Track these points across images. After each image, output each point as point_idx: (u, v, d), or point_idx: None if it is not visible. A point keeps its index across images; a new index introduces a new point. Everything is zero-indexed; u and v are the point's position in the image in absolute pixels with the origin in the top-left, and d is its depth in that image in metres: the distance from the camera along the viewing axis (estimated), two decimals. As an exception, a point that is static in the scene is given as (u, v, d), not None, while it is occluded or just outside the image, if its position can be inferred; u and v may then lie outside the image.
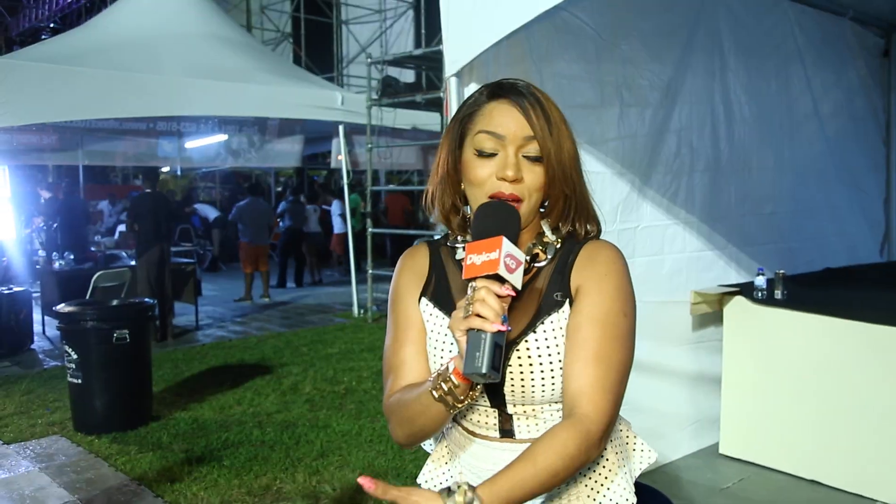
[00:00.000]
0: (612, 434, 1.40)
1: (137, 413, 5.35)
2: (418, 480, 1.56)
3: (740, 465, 4.20)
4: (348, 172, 9.61)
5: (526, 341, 1.31)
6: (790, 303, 4.01)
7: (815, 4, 4.96)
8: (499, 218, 1.26)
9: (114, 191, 16.45)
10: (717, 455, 4.30)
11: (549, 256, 1.37)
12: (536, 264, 1.37)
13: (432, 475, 1.54)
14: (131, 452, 4.78)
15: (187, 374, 6.72)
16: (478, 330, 1.14)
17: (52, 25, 19.76)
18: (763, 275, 4.10)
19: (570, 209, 1.37)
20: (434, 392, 1.23)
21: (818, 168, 5.09)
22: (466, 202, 1.40)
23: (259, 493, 4.06)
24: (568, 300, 1.33)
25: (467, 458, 1.42)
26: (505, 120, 1.31)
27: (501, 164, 1.30)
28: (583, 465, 1.24)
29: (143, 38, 8.98)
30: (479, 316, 1.14)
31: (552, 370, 1.30)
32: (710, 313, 4.27)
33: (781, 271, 4.10)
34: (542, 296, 1.34)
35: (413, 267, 1.48)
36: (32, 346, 7.93)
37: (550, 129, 1.30)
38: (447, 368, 1.23)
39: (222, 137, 10.71)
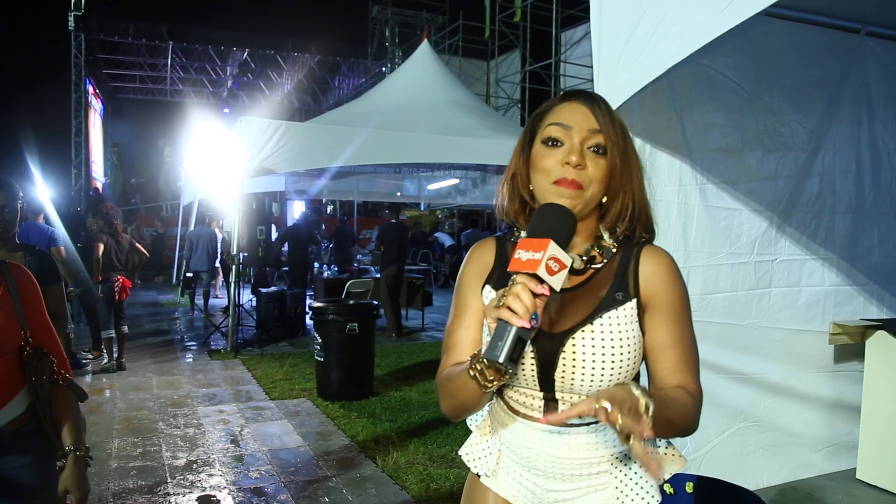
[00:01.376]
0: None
1: (361, 388, 5.71)
2: (460, 452, 1.47)
3: (875, 492, 3.66)
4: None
5: (582, 332, 1.20)
6: (934, 340, 3.47)
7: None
8: (554, 219, 1.14)
9: (378, 223, 17.73)
10: (853, 480, 3.78)
11: (607, 259, 1.27)
12: (594, 265, 1.27)
13: (473, 448, 1.43)
14: (352, 417, 5.12)
15: (406, 364, 7.03)
16: (506, 321, 1.05)
17: (347, 99, 21.79)
18: (908, 312, 3.59)
19: (627, 209, 1.25)
20: (469, 371, 1.15)
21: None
22: (534, 199, 1.29)
23: (437, 459, 4.19)
24: (630, 301, 1.23)
25: (507, 436, 1.33)
26: (573, 114, 1.24)
27: (567, 150, 1.21)
28: (688, 430, 1.22)
29: (399, 105, 9.70)
30: (509, 309, 1.05)
31: (603, 363, 1.19)
32: (850, 344, 3.78)
33: (927, 309, 3.55)
34: (602, 295, 1.23)
35: (480, 258, 1.38)
36: (303, 334, 8.66)
37: (615, 127, 1.23)
38: (481, 350, 1.16)
39: (455, 181, 11.16)
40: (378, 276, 8.73)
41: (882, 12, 3.72)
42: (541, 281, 1.06)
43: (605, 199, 1.25)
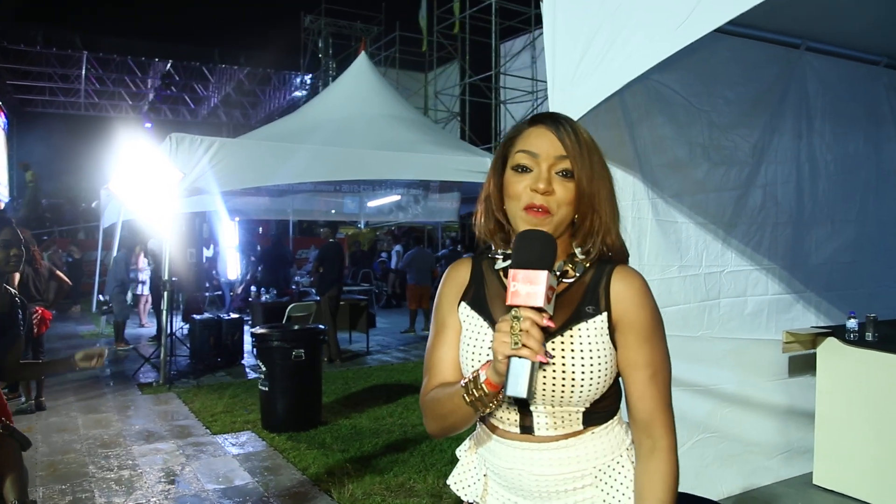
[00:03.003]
0: (629, 446, 1.37)
1: (309, 418, 5.65)
2: (448, 482, 1.51)
3: (833, 497, 3.85)
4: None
5: (552, 343, 1.26)
6: (881, 344, 3.71)
7: (913, 71, 4.60)
8: (542, 247, 1.20)
9: (314, 242, 17.56)
10: (809, 485, 3.97)
11: (578, 274, 1.33)
12: (566, 280, 1.33)
13: (461, 476, 1.48)
14: (301, 449, 5.06)
15: (353, 390, 6.99)
16: (522, 358, 1.13)
17: (279, 113, 21.55)
18: (855, 318, 3.82)
19: (596, 227, 1.31)
20: (465, 396, 1.22)
21: (903, 219, 4.67)
22: (508, 220, 1.36)
23: (395, 489, 4.18)
24: (600, 314, 1.29)
25: (490, 458, 1.38)
26: (540, 140, 1.29)
27: (535, 177, 1.27)
28: (678, 475, 1.31)
29: (337, 119, 9.69)
30: (525, 346, 1.12)
31: (573, 373, 1.26)
32: (801, 351, 4.00)
33: (873, 315, 3.80)
34: (573, 308, 1.30)
35: (456, 278, 1.44)
36: (242, 361, 8.51)
37: (581, 150, 1.28)
38: (478, 377, 1.21)
39: (396, 198, 11.19)
40: (318, 298, 8.66)
41: (819, 28, 3.98)
42: (540, 311, 1.14)
43: (576, 217, 1.32)
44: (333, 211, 11.94)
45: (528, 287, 1.14)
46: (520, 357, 1.12)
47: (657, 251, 3.60)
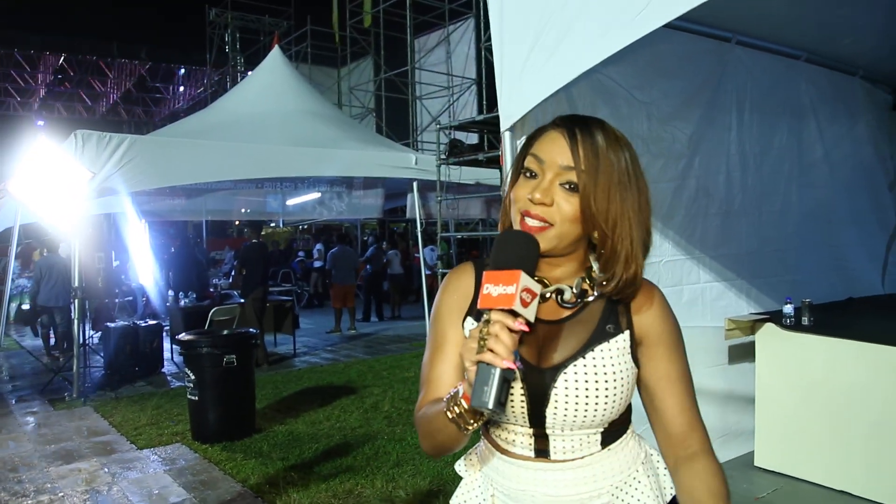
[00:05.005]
0: (644, 459, 1.31)
1: (243, 426, 5.39)
2: (451, 503, 1.37)
3: (774, 477, 3.98)
4: (422, 222, 9.70)
5: (574, 366, 1.18)
6: (816, 328, 3.85)
7: (829, 66, 4.82)
8: (519, 247, 1.10)
9: (229, 243, 16.92)
10: (751, 467, 4.09)
11: (598, 293, 1.22)
12: (586, 299, 1.23)
13: (465, 497, 1.36)
14: (238, 459, 4.81)
15: (285, 394, 6.74)
16: (488, 364, 1.00)
17: (185, 110, 20.65)
18: (791, 303, 3.95)
19: (619, 254, 1.18)
20: (448, 413, 1.10)
21: (824, 209, 4.90)
22: None
23: (343, 496, 4.03)
24: (622, 333, 1.21)
25: (498, 479, 1.28)
26: (550, 146, 1.18)
27: (536, 185, 1.17)
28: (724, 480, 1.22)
29: (253, 115, 9.35)
30: (491, 351, 1.00)
31: (597, 397, 1.17)
32: (741, 337, 4.11)
33: (808, 300, 3.93)
34: (593, 328, 1.21)
35: (458, 288, 1.31)
36: (163, 370, 8.09)
37: (595, 164, 1.15)
38: (458, 391, 1.10)
39: (317, 195, 10.91)
40: (242, 300, 8.31)
41: (747, 24, 4.10)
42: (515, 315, 1.03)
43: (595, 237, 1.20)
44: (248, 210, 11.53)
45: (501, 289, 1.03)
46: (485, 363, 1.00)
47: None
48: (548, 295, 1.22)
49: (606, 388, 1.18)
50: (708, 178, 4.20)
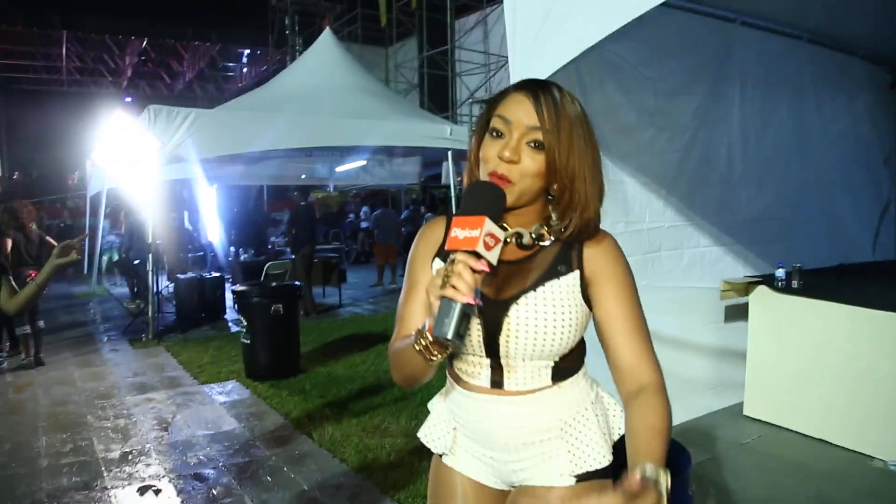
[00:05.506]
0: (595, 399, 1.29)
1: (289, 366, 5.50)
2: (419, 435, 1.41)
3: (760, 425, 3.91)
4: (456, 187, 9.63)
5: (525, 298, 1.18)
6: (805, 291, 3.73)
7: (830, 46, 4.55)
8: (485, 197, 1.10)
9: (288, 205, 17.08)
10: (740, 416, 4.02)
11: (554, 238, 1.22)
12: (542, 243, 1.22)
13: (431, 430, 1.39)
14: (283, 395, 4.94)
15: (329, 340, 6.84)
16: (450, 299, 1.00)
17: (250, 87, 20.75)
18: (783, 268, 3.82)
19: (575, 203, 1.18)
20: (415, 345, 1.10)
21: (821, 181, 4.68)
22: None
23: (371, 430, 4.10)
24: (572, 272, 1.20)
25: (459, 412, 1.30)
26: (516, 108, 1.16)
27: (504, 144, 1.14)
28: (670, 410, 1.14)
29: (306, 90, 9.32)
30: (453, 287, 1.00)
31: (545, 328, 1.17)
32: (735, 298, 4.00)
33: (798, 265, 3.79)
34: (545, 268, 1.21)
35: (430, 237, 1.32)
36: (225, 317, 8.27)
37: (558, 124, 1.13)
38: (424, 326, 1.10)
39: (361, 163, 10.90)
40: (293, 257, 8.43)
41: (751, 5, 3.88)
42: (479, 257, 1.03)
43: (554, 188, 1.19)
44: (304, 176, 11.60)
45: (467, 232, 1.03)
46: (447, 298, 1.01)
47: (606, 209, 3.40)
48: (508, 239, 1.21)
49: (554, 321, 1.18)
50: (710, 149, 4.05)
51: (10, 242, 5.77)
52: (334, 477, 3.47)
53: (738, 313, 4.13)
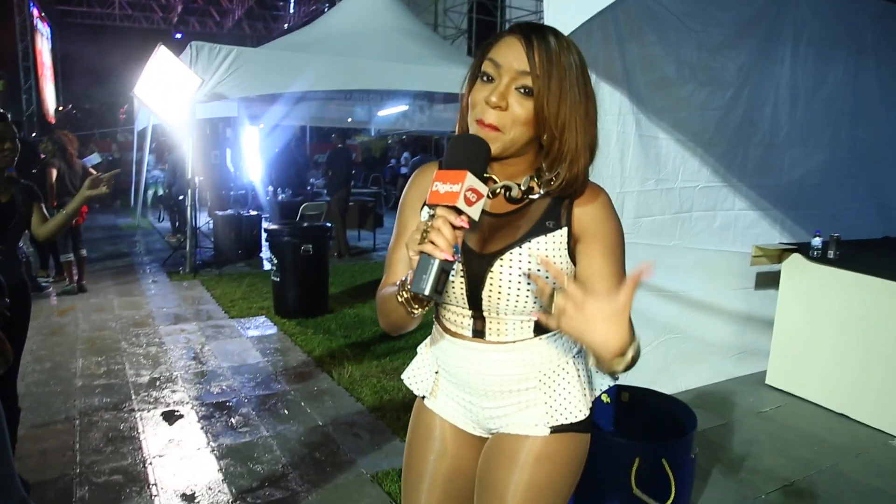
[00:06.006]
0: (577, 354, 1.27)
1: (316, 306, 5.60)
2: (403, 377, 1.45)
3: (781, 395, 3.83)
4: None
5: (510, 254, 1.16)
6: (841, 262, 3.58)
7: (896, 1, 4.22)
8: (468, 150, 1.06)
9: (330, 147, 17.10)
10: (762, 385, 3.95)
11: (543, 192, 1.17)
12: (531, 196, 1.18)
13: (415, 372, 1.42)
14: (308, 333, 5.05)
15: (359, 282, 6.93)
16: (428, 255, 0.99)
17: (298, 27, 20.54)
18: (819, 237, 3.67)
19: (564, 155, 1.13)
20: (397, 297, 1.10)
21: (873, 148, 4.41)
22: None
23: (390, 372, 4.18)
24: (560, 229, 1.16)
25: (442, 356, 1.31)
26: (507, 51, 1.10)
27: (493, 89, 1.09)
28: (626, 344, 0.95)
29: (350, 31, 9.20)
30: (431, 243, 0.98)
31: (528, 286, 1.15)
32: (767, 264, 3.87)
33: (836, 235, 3.64)
34: (533, 222, 1.17)
35: (421, 183, 1.29)
36: (260, 254, 8.44)
37: (549, 70, 1.07)
38: (406, 279, 1.08)
39: (403, 108, 10.78)
40: (329, 199, 8.48)
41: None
42: (460, 212, 1.00)
43: (544, 139, 1.14)
44: (350, 119, 11.57)
45: (448, 187, 1.00)
46: (425, 253, 0.99)
47: (637, 165, 3.40)
48: (497, 191, 1.19)
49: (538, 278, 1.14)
50: (754, 109, 3.85)
51: (54, 172, 5.95)
52: (349, 415, 3.56)
53: (768, 281, 4.00)
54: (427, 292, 0.98)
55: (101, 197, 2.58)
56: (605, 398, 2.80)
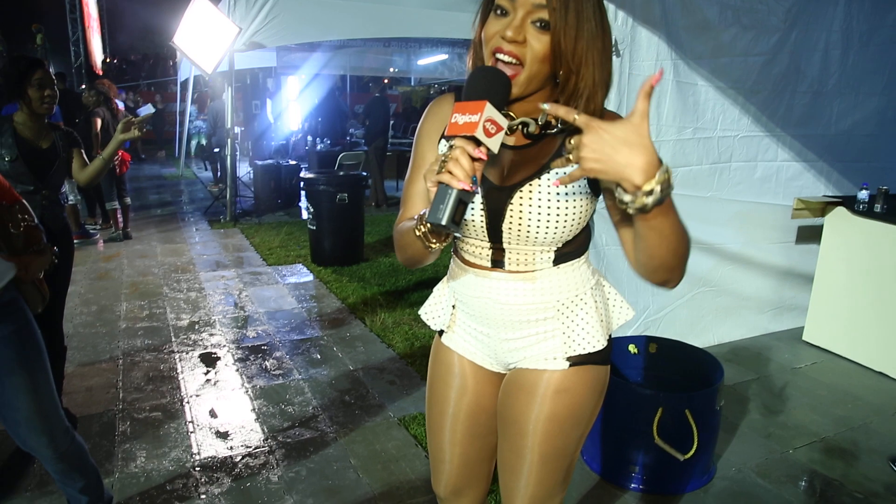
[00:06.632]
0: (595, 285, 1.26)
1: (352, 254, 5.67)
2: (420, 312, 1.45)
3: (818, 352, 3.75)
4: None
5: (530, 186, 1.13)
6: (888, 217, 3.42)
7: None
8: (488, 81, 1.02)
9: (370, 97, 17.00)
10: (798, 341, 3.87)
11: (561, 126, 1.14)
12: (549, 131, 1.15)
13: (432, 308, 1.42)
14: (343, 281, 5.13)
15: (394, 232, 6.97)
16: (446, 185, 0.97)
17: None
18: (867, 189, 3.50)
19: (581, 90, 1.09)
20: (416, 231, 1.08)
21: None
22: None
23: (421, 320, 4.22)
24: None
25: (459, 288, 1.29)
26: None
27: (508, 22, 1.06)
28: (683, 259, 1.00)
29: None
30: (449, 173, 0.96)
31: (549, 215, 1.13)
32: (809, 218, 3.72)
33: (885, 187, 3.47)
34: (551, 155, 1.14)
35: (438, 113, 1.26)
36: (299, 203, 8.55)
37: (566, 2, 1.03)
38: (425, 213, 1.06)
39: (443, 56, 10.59)
40: (366, 148, 8.48)
41: None
42: (478, 144, 0.97)
43: (560, 74, 1.10)
44: (393, 69, 11.45)
45: (467, 117, 0.98)
46: (443, 183, 0.97)
47: (674, 112, 3.28)
48: (514, 127, 1.16)
49: (558, 210, 1.14)
50: (802, 54, 3.64)
51: (99, 122, 6.09)
52: (379, 361, 3.64)
53: (810, 235, 3.86)
54: (444, 222, 0.97)
55: (133, 139, 2.65)
56: (632, 348, 2.79)
